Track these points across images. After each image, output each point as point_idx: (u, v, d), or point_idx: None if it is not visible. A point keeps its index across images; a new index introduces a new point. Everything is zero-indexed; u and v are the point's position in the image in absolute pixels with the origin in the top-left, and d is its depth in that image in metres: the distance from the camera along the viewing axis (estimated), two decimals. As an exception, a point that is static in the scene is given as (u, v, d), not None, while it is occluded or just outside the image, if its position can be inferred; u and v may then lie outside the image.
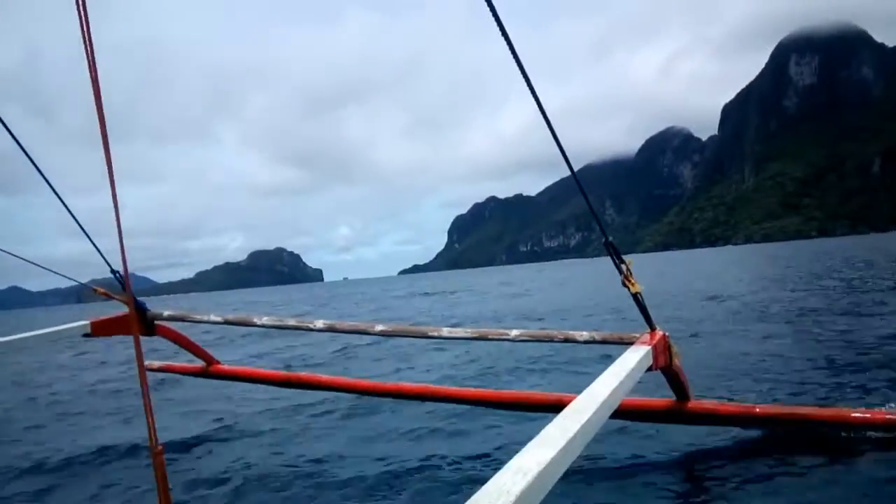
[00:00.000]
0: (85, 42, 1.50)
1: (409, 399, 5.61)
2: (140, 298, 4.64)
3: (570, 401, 2.12)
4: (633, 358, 2.78)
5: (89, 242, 3.50)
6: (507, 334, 3.97)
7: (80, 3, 1.56)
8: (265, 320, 4.65)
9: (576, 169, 3.15)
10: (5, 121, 3.02)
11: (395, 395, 5.43)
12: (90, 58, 1.51)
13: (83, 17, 1.52)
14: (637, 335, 3.35)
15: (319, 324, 4.51)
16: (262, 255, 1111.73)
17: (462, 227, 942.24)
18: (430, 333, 4.24)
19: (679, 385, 4.11)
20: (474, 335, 4.16)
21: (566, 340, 3.79)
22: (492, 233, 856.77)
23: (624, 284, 3.20)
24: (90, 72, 1.50)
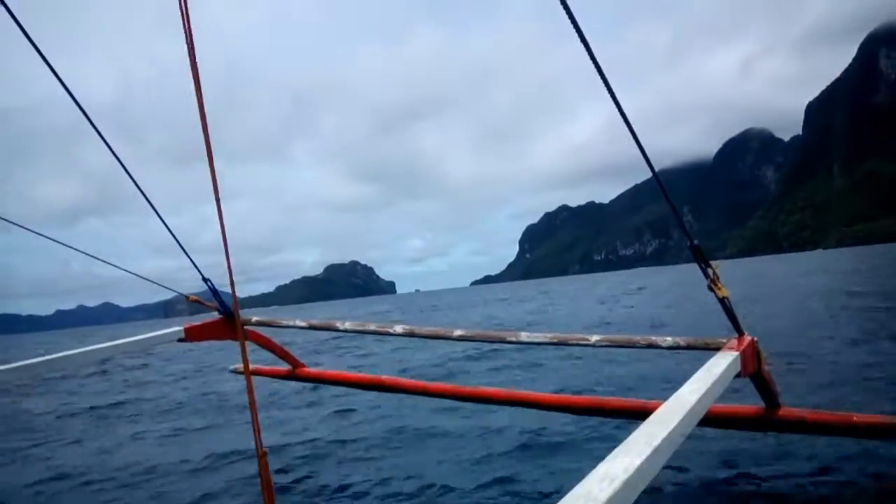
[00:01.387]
0: (193, 74, 1.56)
1: (488, 403, 5.56)
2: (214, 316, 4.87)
3: (653, 407, 2.06)
4: (721, 364, 2.69)
5: (172, 260, 3.72)
6: (588, 340, 3.92)
7: (188, 36, 1.62)
8: (347, 325, 4.81)
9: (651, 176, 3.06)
10: (95, 148, 3.21)
11: (475, 399, 5.41)
12: (197, 86, 1.56)
13: (190, 49, 1.57)
14: (724, 340, 3.25)
15: (399, 329, 4.60)
16: (338, 269, 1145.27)
17: (533, 237, 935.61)
18: (508, 339, 4.25)
19: (769, 392, 3.93)
20: (553, 340, 4.09)
21: (649, 346, 3.69)
22: (564, 242, 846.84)
23: (710, 289, 3.13)
24: (197, 99, 1.55)
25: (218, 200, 1.55)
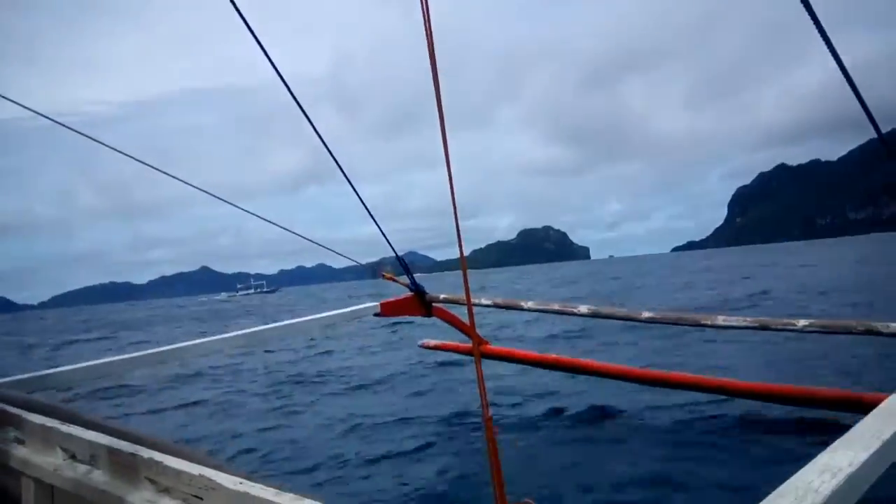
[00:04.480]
0: (429, 46, 1.62)
1: (679, 388, 5.35)
2: (417, 277, 5.17)
3: (871, 400, 1.86)
4: None
5: (387, 224, 3.99)
6: (794, 324, 3.64)
7: (424, 7, 1.70)
8: (531, 304, 4.90)
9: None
10: (315, 121, 3.54)
11: (664, 383, 5.23)
12: (432, 58, 1.63)
13: (427, 27, 1.65)
14: None
15: (583, 309, 4.57)
16: (531, 234, 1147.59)
17: (745, 200, 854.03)
18: (702, 322, 4.10)
19: None
20: (754, 325, 3.91)
21: (868, 332, 3.29)
22: (781, 205, 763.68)
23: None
24: (432, 69, 1.61)
25: (450, 174, 1.61)
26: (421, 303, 4.89)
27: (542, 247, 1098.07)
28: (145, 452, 1.18)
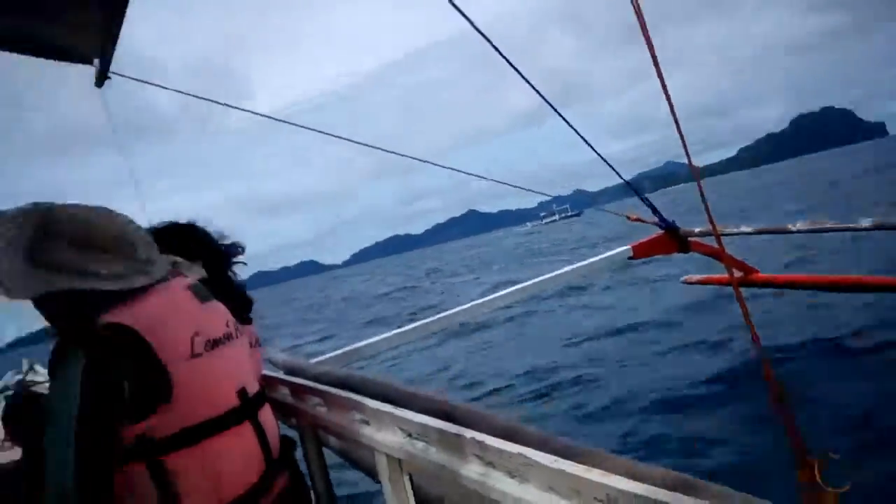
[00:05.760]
0: None
1: None
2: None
3: None
4: None
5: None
6: None
7: None
8: (800, 226, 4.29)
9: None
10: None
11: None
12: None
13: None
14: None
15: (865, 222, 3.83)
16: (806, 119, 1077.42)
17: None
18: None
19: None
20: None
21: None
22: None
23: None
24: None
25: (662, 82, 1.57)
26: (674, 238, 4.49)
27: (822, 131, 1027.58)
28: (468, 433, 1.29)
